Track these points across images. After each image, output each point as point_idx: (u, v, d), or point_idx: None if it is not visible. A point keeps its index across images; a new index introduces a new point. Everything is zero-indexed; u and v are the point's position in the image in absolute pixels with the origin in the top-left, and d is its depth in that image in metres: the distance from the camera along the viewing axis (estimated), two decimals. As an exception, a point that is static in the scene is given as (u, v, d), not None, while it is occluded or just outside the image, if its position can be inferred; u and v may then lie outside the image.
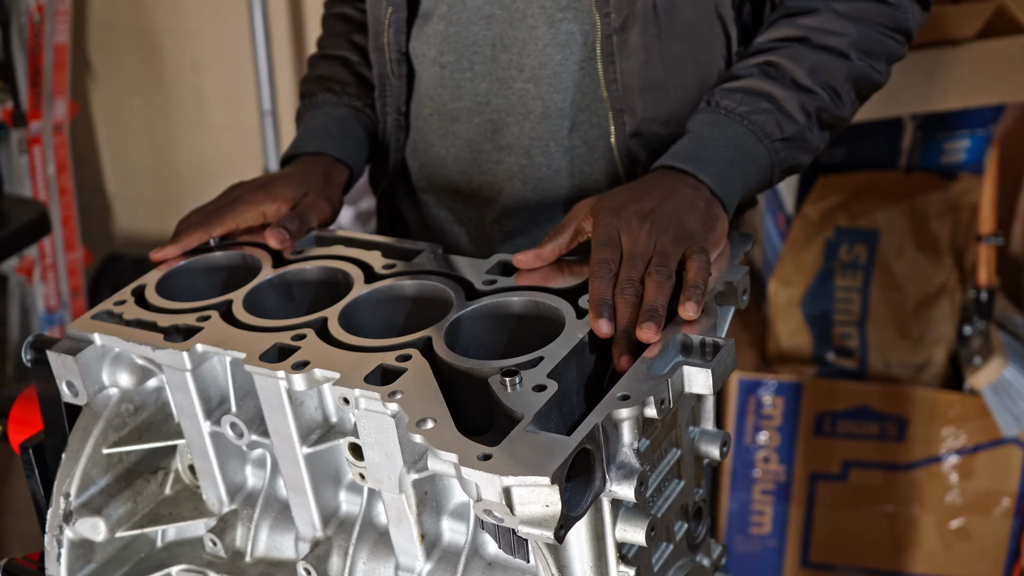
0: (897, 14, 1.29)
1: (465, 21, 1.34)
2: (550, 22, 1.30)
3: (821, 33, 1.25)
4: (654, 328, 0.97)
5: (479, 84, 1.35)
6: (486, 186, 1.38)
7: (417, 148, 1.43)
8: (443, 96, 1.38)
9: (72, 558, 1.12)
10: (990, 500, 2.33)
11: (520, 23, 1.31)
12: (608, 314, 0.99)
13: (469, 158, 1.38)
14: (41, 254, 2.99)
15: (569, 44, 1.30)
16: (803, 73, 1.24)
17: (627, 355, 0.98)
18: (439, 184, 1.41)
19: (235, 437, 1.07)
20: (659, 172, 1.18)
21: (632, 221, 1.08)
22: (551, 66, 1.31)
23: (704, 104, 1.24)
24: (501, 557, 0.99)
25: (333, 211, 1.32)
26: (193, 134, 3.20)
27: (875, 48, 1.28)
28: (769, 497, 2.41)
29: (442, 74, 1.37)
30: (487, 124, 1.36)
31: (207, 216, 1.25)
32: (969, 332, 2.33)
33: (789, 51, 1.25)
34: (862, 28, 1.27)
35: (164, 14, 3.08)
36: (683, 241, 1.07)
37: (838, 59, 1.26)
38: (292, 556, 1.10)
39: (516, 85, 1.33)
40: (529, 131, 1.33)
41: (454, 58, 1.35)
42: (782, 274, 2.38)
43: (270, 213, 1.27)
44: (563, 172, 1.34)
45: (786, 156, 1.24)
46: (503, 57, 1.33)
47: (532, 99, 1.32)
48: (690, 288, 1.01)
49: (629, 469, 0.89)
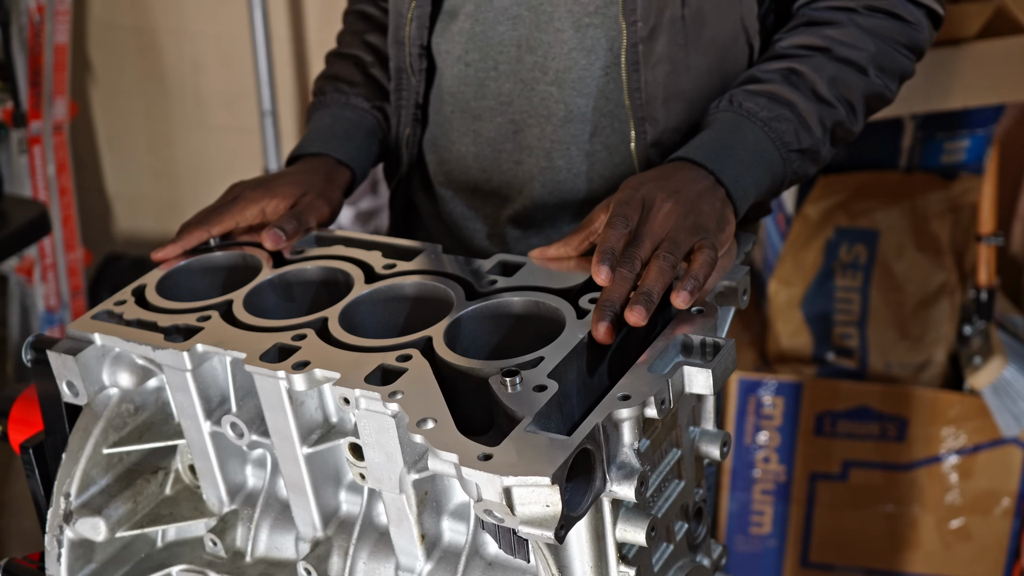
0: (914, 33, 1.29)
1: (491, 21, 1.34)
2: (576, 27, 1.30)
3: (843, 46, 1.25)
4: (643, 313, 0.97)
5: (503, 84, 1.35)
6: (505, 185, 1.38)
7: (437, 144, 1.43)
8: (466, 94, 1.38)
9: (72, 558, 1.12)
10: (990, 500, 2.33)
11: (547, 25, 1.31)
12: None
13: (490, 156, 1.38)
14: (41, 254, 2.99)
15: (595, 49, 1.30)
16: (824, 85, 1.23)
17: (606, 323, 0.97)
18: (458, 180, 1.41)
19: (235, 437, 1.07)
20: (680, 163, 1.18)
21: (657, 194, 1.09)
22: (576, 70, 1.31)
23: (726, 103, 1.23)
24: (501, 557, 0.99)
25: (332, 212, 1.32)
26: (193, 134, 3.20)
27: (891, 66, 1.28)
28: (769, 497, 2.41)
29: (466, 72, 1.37)
30: (509, 124, 1.36)
31: (207, 215, 1.26)
32: (969, 332, 2.33)
33: (812, 61, 1.25)
34: (881, 44, 1.27)
35: (164, 14, 3.08)
36: (696, 232, 1.07)
37: (857, 74, 1.26)
38: (292, 556, 1.10)
39: (539, 87, 1.33)
40: (551, 134, 1.33)
41: (479, 56, 1.35)
42: (782, 274, 2.38)
43: (269, 210, 1.27)
44: (582, 176, 1.34)
45: (799, 167, 1.24)
46: (528, 58, 1.33)
47: (555, 102, 1.32)
48: (689, 278, 1.01)
49: (629, 469, 0.89)
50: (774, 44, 1.29)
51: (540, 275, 1.09)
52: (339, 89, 1.45)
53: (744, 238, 1.15)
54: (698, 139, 1.21)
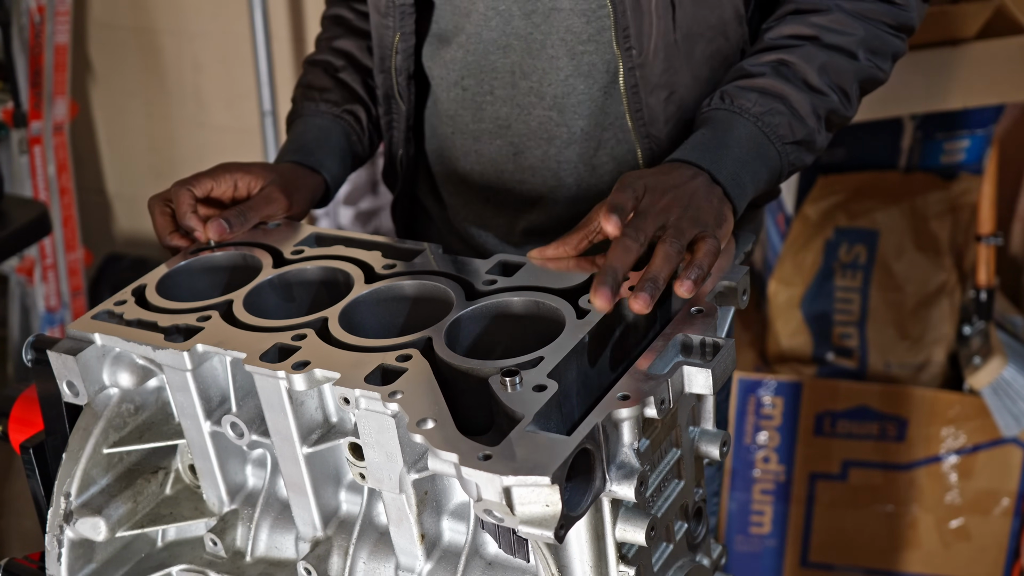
0: (901, 12, 1.29)
1: (482, 51, 1.34)
2: (571, 54, 1.30)
3: (831, 33, 1.25)
4: (648, 300, 0.96)
5: (500, 108, 1.35)
6: (515, 200, 1.39)
7: (443, 158, 1.43)
8: (464, 117, 1.38)
9: (72, 558, 1.12)
10: (990, 500, 2.33)
11: (539, 53, 1.31)
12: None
13: (493, 175, 1.38)
14: (41, 254, 2.99)
15: (592, 74, 1.30)
16: (814, 74, 1.23)
17: (606, 288, 0.96)
18: (466, 194, 1.42)
19: (235, 437, 1.07)
20: (675, 163, 1.18)
21: (656, 188, 1.08)
22: (574, 95, 1.31)
23: (718, 100, 1.23)
24: (501, 557, 0.99)
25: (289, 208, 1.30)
26: (193, 134, 3.20)
27: (881, 48, 1.28)
28: (769, 497, 2.41)
29: (463, 96, 1.37)
30: (509, 147, 1.36)
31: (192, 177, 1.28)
32: (969, 332, 2.33)
33: (801, 51, 1.25)
34: (870, 27, 1.27)
35: (164, 14, 3.08)
36: (697, 224, 1.07)
37: (847, 59, 1.26)
38: (292, 556, 1.10)
39: (537, 111, 1.33)
40: (555, 155, 1.34)
41: (474, 82, 1.36)
42: (782, 274, 2.38)
43: (241, 185, 1.29)
44: (592, 189, 1.34)
45: (795, 158, 1.24)
46: (523, 84, 1.33)
47: (556, 125, 1.33)
48: (694, 267, 1.01)
49: (629, 469, 0.89)
50: (762, 35, 1.30)
51: (540, 275, 1.09)
52: (309, 97, 1.46)
53: (744, 238, 1.15)
54: (692, 139, 1.21)
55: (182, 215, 1.25)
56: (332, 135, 1.43)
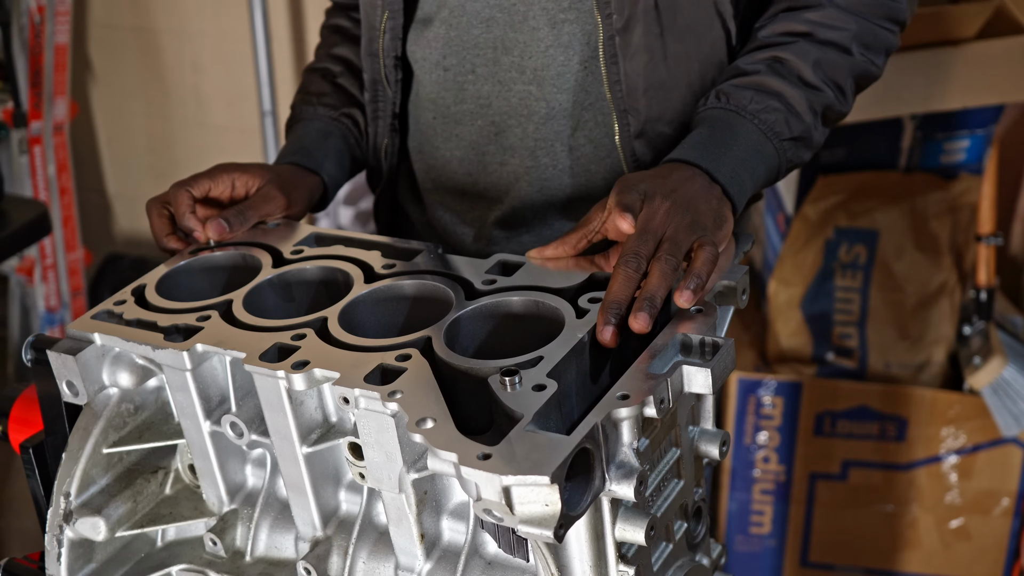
0: (894, 5, 1.30)
1: (465, 25, 1.34)
2: (552, 23, 1.30)
3: (824, 28, 1.26)
4: (647, 319, 0.97)
5: (481, 87, 1.35)
6: (491, 187, 1.38)
7: (423, 151, 1.43)
8: (446, 99, 1.38)
9: (72, 558, 1.12)
10: (990, 500, 2.33)
11: (521, 25, 1.31)
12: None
13: (474, 160, 1.38)
14: (41, 254, 2.99)
15: (572, 45, 1.30)
16: (809, 70, 1.24)
17: (611, 327, 0.98)
18: (445, 186, 1.42)
19: (235, 437, 1.07)
20: (674, 164, 1.18)
21: (654, 195, 1.09)
22: (554, 67, 1.31)
23: (714, 99, 1.24)
24: (501, 556, 0.99)
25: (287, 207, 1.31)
26: (193, 134, 3.20)
27: (874, 42, 1.29)
28: (769, 497, 2.41)
29: (445, 77, 1.37)
30: (490, 126, 1.36)
31: (190, 178, 1.29)
32: (969, 332, 2.33)
33: (795, 47, 1.25)
34: (862, 22, 1.27)
35: (164, 14, 3.08)
36: (695, 230, 1.07)
37: (841, 54, 1.26)
38: (292, 556, 1.10)
39: (517, 87, 1.33)
40: (533, 132, 1.34)
41: (456, 61, 1.36)
42: (782, 274, 2.38)
43: (239, 184, 1.30)
44: (567, 172, 1.34)
45: (793, 155, 1.24)
46: (505, 59, 1.33)
47: (535, 100, 1.33)
48: (692, 276, 1.01)
49: (629, 469, 0.89)
50: (756, 33, 1.30)
51: (539, 275, 1.09)
52: (308, 102, 1.48)
53: (743, 238, 1.15)
54: (690, 139, 1.21)
55: (181, 216, 1.25)
56: (330, 138, 1.44)
